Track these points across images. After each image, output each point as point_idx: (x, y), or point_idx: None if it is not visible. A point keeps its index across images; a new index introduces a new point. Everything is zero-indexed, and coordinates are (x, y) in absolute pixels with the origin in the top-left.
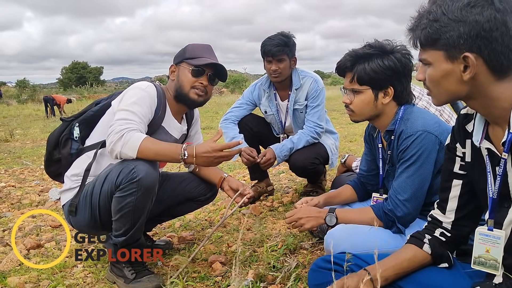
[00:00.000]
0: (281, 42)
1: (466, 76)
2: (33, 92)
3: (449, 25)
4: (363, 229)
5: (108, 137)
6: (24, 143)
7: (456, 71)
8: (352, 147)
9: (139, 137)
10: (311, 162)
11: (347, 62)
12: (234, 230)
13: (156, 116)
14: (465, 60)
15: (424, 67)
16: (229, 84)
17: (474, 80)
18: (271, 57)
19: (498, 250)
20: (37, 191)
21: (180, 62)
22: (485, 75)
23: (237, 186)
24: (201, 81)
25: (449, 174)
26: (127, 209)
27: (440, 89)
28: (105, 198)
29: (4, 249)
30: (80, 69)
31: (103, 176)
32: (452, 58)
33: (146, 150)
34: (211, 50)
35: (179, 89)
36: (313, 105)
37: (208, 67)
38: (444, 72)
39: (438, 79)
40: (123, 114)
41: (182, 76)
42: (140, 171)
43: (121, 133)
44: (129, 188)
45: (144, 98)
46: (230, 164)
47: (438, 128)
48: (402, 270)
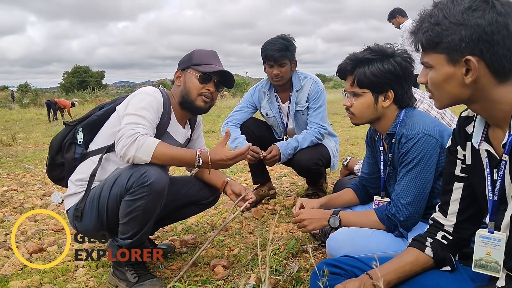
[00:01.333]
0: (282, 46)
1: (468, 80)
2: (35, 96)
3: (451, 28)
4: (365, 233)
5: (119, 141)
6: (26, 147)
7: (457, 75)
8: (354, 150)
9: (154, 141)
10: (314, 163)
11: (348, 66)
12: (236, 234)
13: (162, 122)
14: (467, 63)
15: (426, 70)
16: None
17: (476, 83)
18: (272, 62)
19: (499, 252)
20: (39, 195)
21: (187, 68)
22: (487, 78)
23: (239, 190)
24: (208, 88)
25: (450, 177)
26: (136, 213)
27: (442, 92)
28: (114, 201)
29: (6, 253)
30: (82, 73)
31: (112, 180)
32: (454, 62)
33: (161, 155)
34: (217, 57)
35: (186, 95)
36: (315, 106)
37: (215, 73)
38: (446, 76)
39: (440, 82)
40: (133, 119)
41: (189, 83)
42: (151, 175)
43: (134, 136)
44: (139, 192)
45: (152, 103)
46: (232, 168)
47: (438, 131)
48: (404, 273)
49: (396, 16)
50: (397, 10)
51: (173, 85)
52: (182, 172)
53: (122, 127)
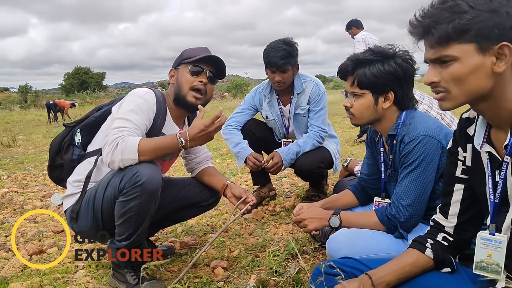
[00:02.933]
0: (285, 53)
1: (501, 67)
2: (35, 97)
3: (481, 15)
4: (365, 234)
5: (104, 148)
6: (26, 148)
7: (486, 64)
8: (354, 151)
9: (134, 139)
10: (317, 166)
11: (348, 66)
12: (236, 235)
13: (156, 123)
14: (500, 51)
15: (437, 68)
16: (231, 88)
17: (501, 75)
18: (275, 68)
19: (500, 254)
20: (39, 196)
21: (179, 65)
22: (510, 70)
23: (240, 193)
24: (201, 79)
25: (451, 179)
26: (131, 214)
27: (464, 87)
28: (108, 203)
29: (6, 254)
30: (83, 75)
31: (106, 181)
32: (484, 50)
33: (146, 150)
34: (208, 50)
35: (178, 91)
36: (316, 109)
37: (207, 64)
38: (475, 66)
39: (467, 74)
40: (118, 123)
41: (181, 78)
42: (143, 175)
43: (114, 142)
44: (132, 193)
45: (141, 106)
46: (232, 169)
47: (440, 132)
48: (404, 275)
49: (352, 28)
50: (353, 22)
51: (169, 85)
52: (183, 174)
53: (108, 133)
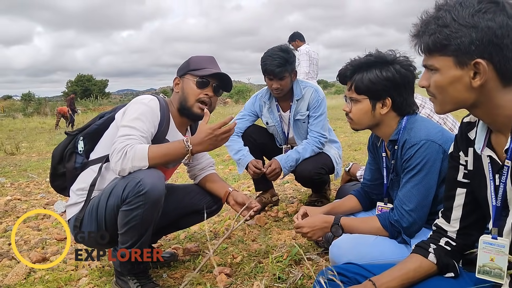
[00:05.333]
0: (282, 61)
1: (476, 83)
2: (38, 105)
3: (460, 30)
4: (368, 239)
5: (112, 156)
6: (30, 156)
7: (465, 78)
8: (356, 156)
9: (143, 147)
10: (317, 172)
11: (347, 71)
12: (239, 242)
13: (160, 130)
14: (476, 66)
15: (428, 73)
16: (233, 94)
17: (482, 87)
18: (272, 76)
19: (503, 258)
20: (42, 204)
21: (184, 74)
22: (493, 82)
23: (242, 200)
24: (206, 92)
25: (452, 183)
26: (134, 223)
27: (445, 96)
28: (111, 212)
29: (10, 262)
30: (85, 82)
31: (109, 190)
32: (462, 65)
33: (156, 156)
34: (214, 61)
35: (183, 101)
36: (316, 115)
37: (213, 77)
38: (453, 79)
39: (445, 85)
40: (124, 131)
41: (187, 88)
42: (146, 184)
43: (123, 150)
44: (136, 202)
45: (146, 113)
46: (235, 175)
47: (441, 136)
48: (408, 280)
49: (296, 40)
50: (297, 34)
51: (172, 92)
52: (185, 180)
53: (115, 141)
